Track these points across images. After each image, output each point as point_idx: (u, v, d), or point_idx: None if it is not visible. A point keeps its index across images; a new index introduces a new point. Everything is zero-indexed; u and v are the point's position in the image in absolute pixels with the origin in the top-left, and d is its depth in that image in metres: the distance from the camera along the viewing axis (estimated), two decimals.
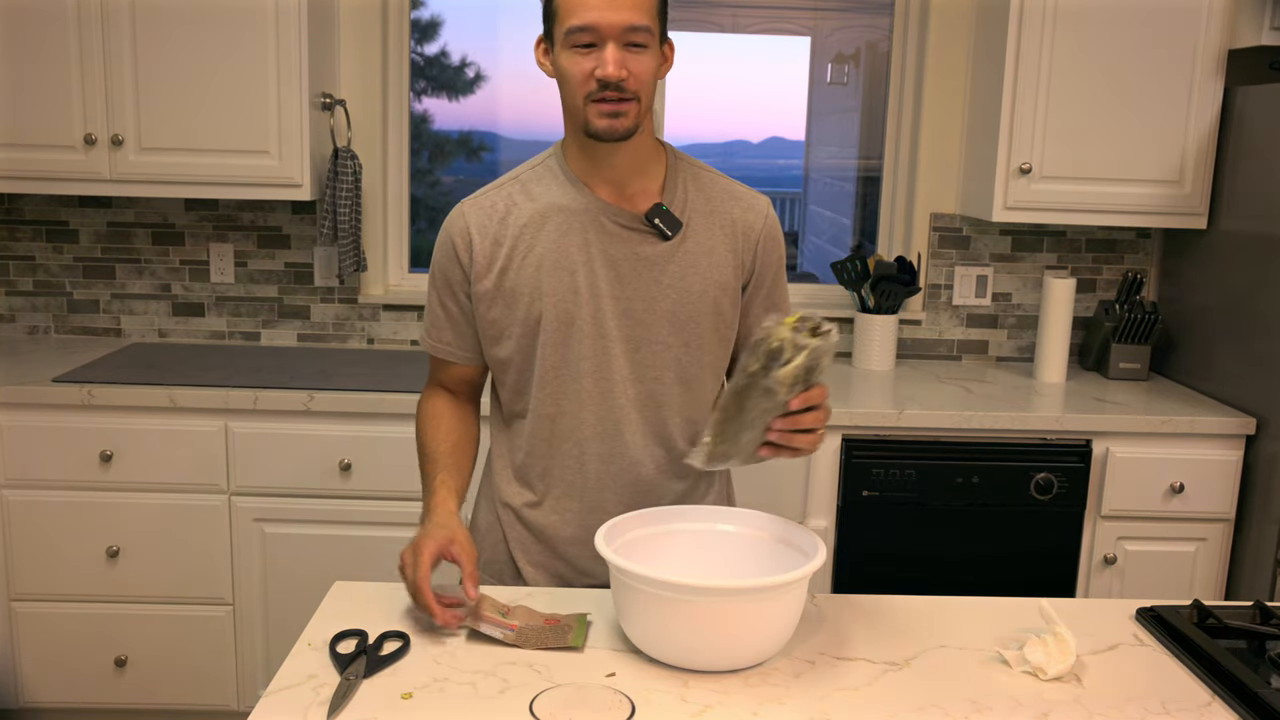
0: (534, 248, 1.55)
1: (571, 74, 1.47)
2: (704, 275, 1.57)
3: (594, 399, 1.57)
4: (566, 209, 1.56)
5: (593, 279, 1.55)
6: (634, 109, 1.47)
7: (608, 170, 1.55)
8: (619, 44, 1.44)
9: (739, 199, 1.62)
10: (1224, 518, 2.72)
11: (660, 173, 1.59)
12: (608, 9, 1.43)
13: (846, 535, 2.71)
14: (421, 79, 3.33)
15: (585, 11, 1.44)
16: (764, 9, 3.36)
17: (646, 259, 1.55)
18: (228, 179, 2.82)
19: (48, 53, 2.75)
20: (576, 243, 1.55)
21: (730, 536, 1.50)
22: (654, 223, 1.55)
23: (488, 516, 1.72)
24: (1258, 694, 1.28)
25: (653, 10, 1.47)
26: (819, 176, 3.50)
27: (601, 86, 1.45)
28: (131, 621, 2.73)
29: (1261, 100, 2.72)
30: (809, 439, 1.39)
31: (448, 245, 1.60)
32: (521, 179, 1.61)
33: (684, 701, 1.26)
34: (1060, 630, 1.37)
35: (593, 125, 1.48)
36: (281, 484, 2.68)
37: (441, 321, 1.64)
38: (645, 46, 1.46)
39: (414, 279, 3.29)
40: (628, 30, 1.44)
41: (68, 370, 2.78)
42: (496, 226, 1.57)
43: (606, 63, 1.44)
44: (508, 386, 1.63)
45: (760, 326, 1.38)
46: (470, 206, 1.60)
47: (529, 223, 1.56)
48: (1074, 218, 2.92)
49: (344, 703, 1.25)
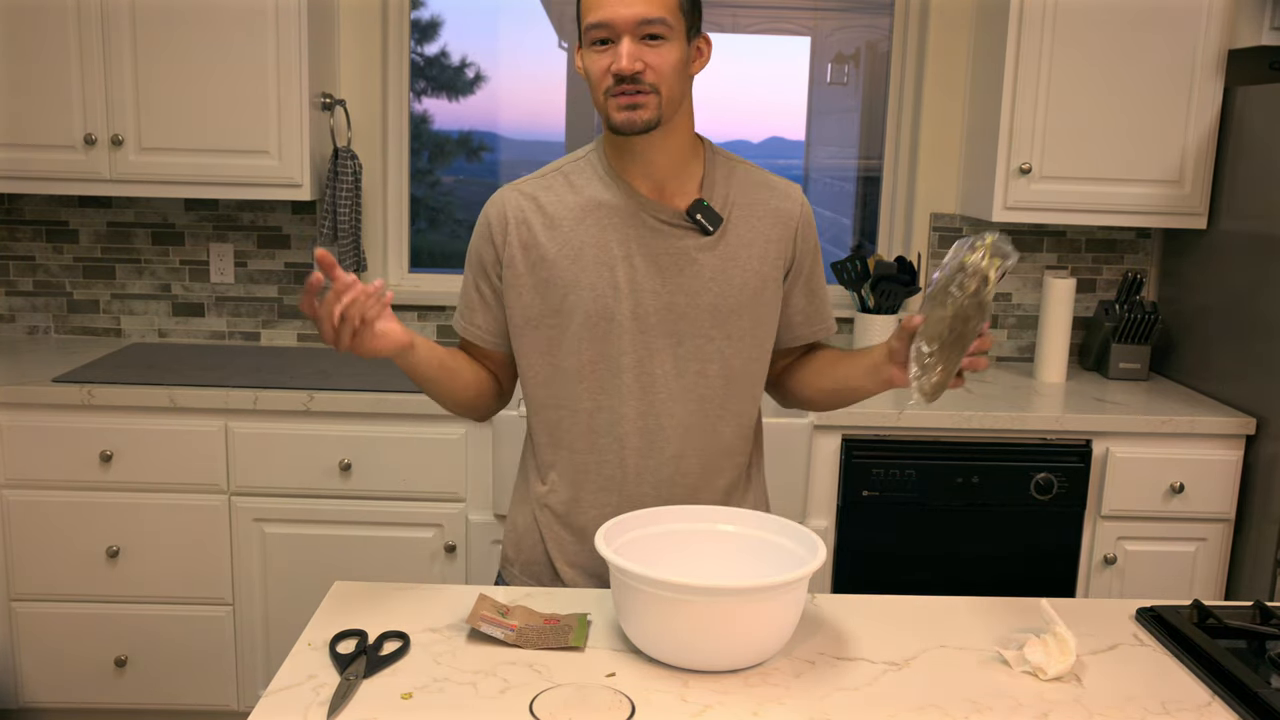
0: (571, 240, 1.56)
1: (591, 72, 1.50)
2: (745, 267, 1.58)
3: (634, 394, 1.57)
4: (607, 204, 1.57)
5: (633, 274, 1.55)
6: (653, 101, 1.49)
7: (645, 167, 1.57)
8: (634, 38, 1.46)
9: (775, 189, 1.64)
10: (1224, 518, 2.73)
11: (699, 169, 1.60)
12: (620, 4, 1.45)
13: (846, 535, 2.71)
14: (421, 79, 3.33)
15: (600, 8, 1.46)
16: (764, 9, 3.36)
17: (688, 253, 1.56)
18: (228, 179, 2.82)
19: (48, 53, 2.75)
20: (616, 238, 1.56)
21: (730, 536, 1.50)
22: (695, 218, 1.56)
23: (525, 518, 1.70)
24: (1258, 694, 1.28)
25: (672, 4, 1.48)
26: (819, 176, 3.50)
27: (617, 80, 1.47)
28: (131, 621, 2.74)
29: (1261, 100, 2.72)
30: (983, 362, 1.44)
31: (485, 227, 1.61)
32: (564, 170, 1.62)
33: (684, 701, 1.26)
34: (1060, 630, 1.37)
35: (613, 119, 1.50)
36: (281, 484, 2.68)
37: (475, 304, 1.64)
38: (664, 39, 1.48)
39: (414, 279, 3.29)
40: (641, 24, 1.46)
41: (68, 370, 2.78)
42: (536, 213, 1.58)
43: (620, 56, 1.46)
44: (537, 380, 1.61)
45: (961, 245, 1.40)
46: (511, 191, 1.62)
47: (569, 214, 1.57)
48: (1074, 218, 2.92)
49: (344, 703, 1.25)
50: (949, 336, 1.40)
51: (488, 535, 2.70)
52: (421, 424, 2.66)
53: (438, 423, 2.66)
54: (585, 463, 1.61)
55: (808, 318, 1.69)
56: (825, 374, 1.69)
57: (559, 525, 1.65)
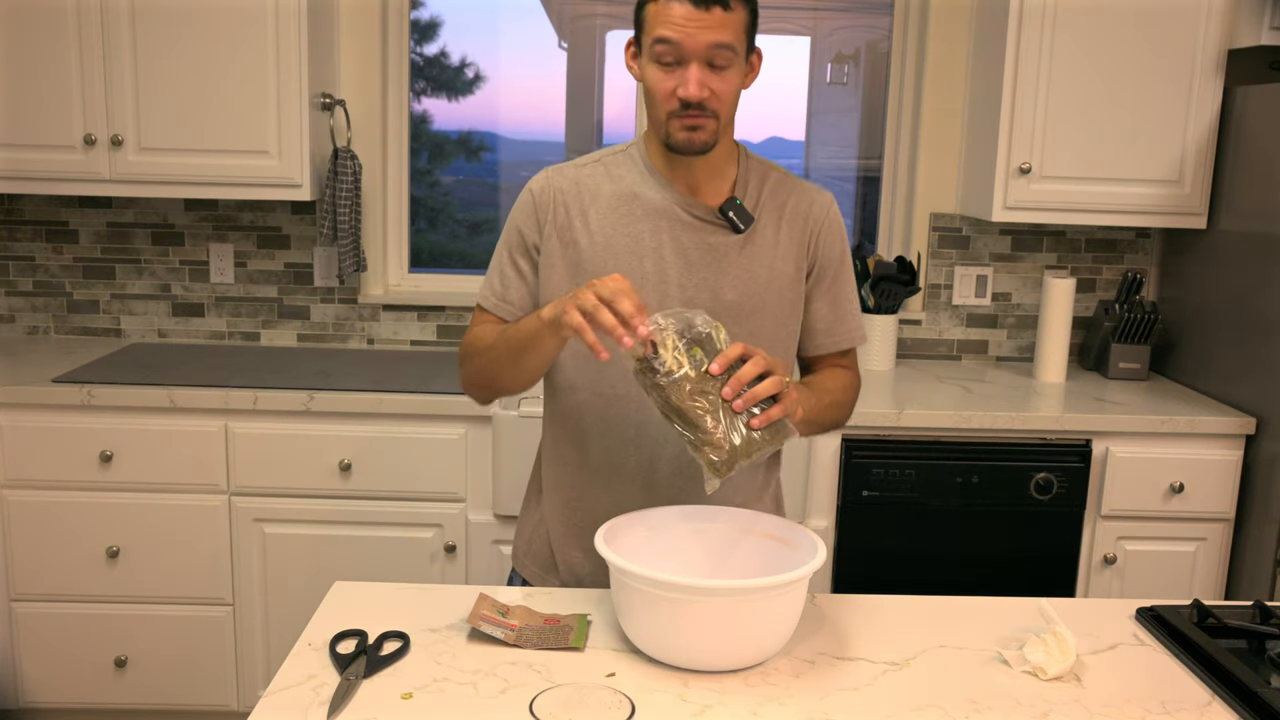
0: (603, 228, 1.58)
1: (656, 90, 1.51)
2: (769, 266, 1.60)
3: None
4: (642, 197, 1.59)
5: (661, 265, 1.57)
6: (713, 125, 1.51)
7: (684, 172, 1.59)
8: (702, 63, 1.48)
9: (804, 193, 1.66)
10: (1224, 518, 2.72)
11: (734, 171, 1.63)
12: (695, 27, 1.46)
13: (846, 535, 2.71)
14: (421, 79, 3.33)
15: (673, 26, 1.46)
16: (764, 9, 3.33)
17: (715, 249, 1.58)
18: (227, 179, 2.82)
19: (48, 53, 2.75)
20: (648, 229, 1.58)
21: (730, 536, 1.50)
22: (728, 216, 1.58)
23: (534, 510, 1.72)
24: (1258, 694, 1.28)
25: (740, 28, 1.50)
26: (819, 176, 3.49)
27: (684, 106, 1.49)
28: (131, 621, 2.73)
29: (1261, 100, 2.72)
30: (767, 386, 1.35)
31: (527, 203, 1.62)
32: (604, 161, 1.64)
33: (684, 701, 1.26)
34: (1060, 630, 1.37)
35: (673, 138, 1.52)
36: (281, 484, 2.68)
37: (511, 280, 1.63)
38: (728, 66, 1.49)
39: (414, 279, 3.29)
40: (712, 49, 1.47)
41: (68, 370, 2.78)
42: (575, 198, 1.60)
43: (689, 83, 1.47)
44: (565, 365, 1.62)
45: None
46: (554, 172, 1.64)
47: (605, 203, 1.60)
48: (1074, 218, 2.92)
49: (344, 703, 1.25)
50: (685, 419, 1.35)
51: (488, 535, 2.70)
52: (421, 424, 2.67)
53: (438, 423, 2.66)
54: (603, 447, 1.62)
55: (830, 327, 1.68)
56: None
57: (570, 512, 1.66)
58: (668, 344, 1.35)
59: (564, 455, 1.67)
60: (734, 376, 1.36)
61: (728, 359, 1.36)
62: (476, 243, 3.43)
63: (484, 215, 3.48)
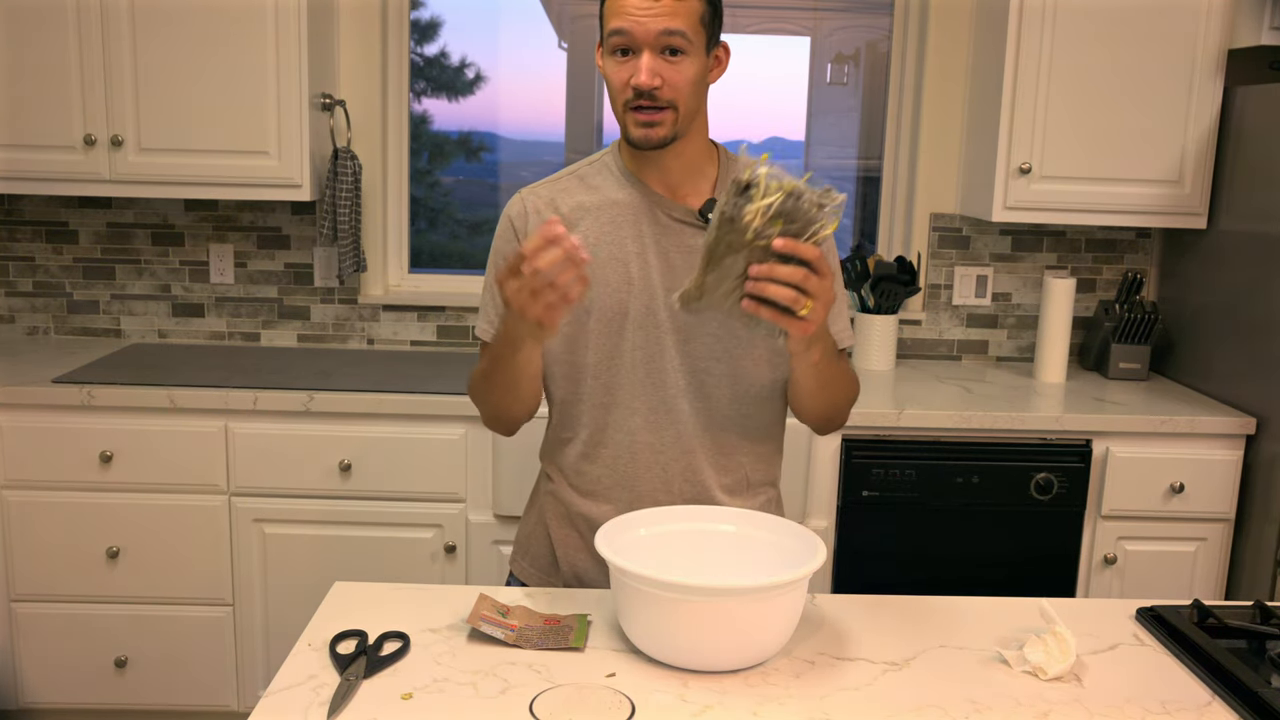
0: (587, 238, 1.58)
1: (611, 81, 1.52)
2: None
3: (645, 389, 1.58)
4: (621, 203, 1.59)
5: (645, 270, 1.57)
6: (669, 117, 1.50)
7: (660, 170, 1.59)
8: (654, 51, 1.47)
9: None
10: (1224, 518, 2.72)
11: (713, 172, 1.62)
12: (646, 15, 1.46)
13: (846, 535, 2.71)
14: (421, 79, 3.33)
15: (625, 16, 1.46)
16: (764, 9, 3.36)
17: (696, 251, 1.56)
18: (227, 179, 2.82)
19: (48, 53, 2.75)
20: (630, 234, 1.58)
21: (730, 536, 1.50)
22: (707, 217, 1.57)
23: (534, 515, 1.72)
24: (1258, 694, 1.28)
25: (693, 16, 1.48)
26: (819, 176, 3.50)
27: (636, 95, 1.48)
28: (131, 622, 2.73)
29: (1261, 100, 2.72)
30: (786, 294, 1.30)
31: (507, 228, 1.62)
32: (579, 174, 1.64)
33: (684, 701, 1.26)
34: (1060, 630, 1.37)
35: (631, 134, 1.52)
36: (281, 484, 2.68)
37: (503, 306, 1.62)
38: (683, 53, 1.48)
39: (414, 279, 3.29)
40: (662, 35, 1.46)
41: (68, 371, 2.78)
42: (553, 212, 1.60)
43: (640, 70, 1.47)
44: (558, 376, 1.62)
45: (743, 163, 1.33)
46: (529, 193, 1.64)
47: (585, 213, 1.59)
48: (1074, 218, 2.92)
49: (344, 703, 1.24)
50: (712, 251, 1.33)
51: (488, 535, 2.70)
52: (421, 424, 2.67)
53: (438, 423, 2.66)
54: (599, 456, 1.62)
55: None
56: None
57: (568, 519, 1.66)
58: (758, 207, 1.28)
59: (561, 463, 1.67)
60: (770, 267, 1.29)
61: (796, 251, 1.29)
62: (476, 243, 3.43)
63: (484, 215, 3.48)
